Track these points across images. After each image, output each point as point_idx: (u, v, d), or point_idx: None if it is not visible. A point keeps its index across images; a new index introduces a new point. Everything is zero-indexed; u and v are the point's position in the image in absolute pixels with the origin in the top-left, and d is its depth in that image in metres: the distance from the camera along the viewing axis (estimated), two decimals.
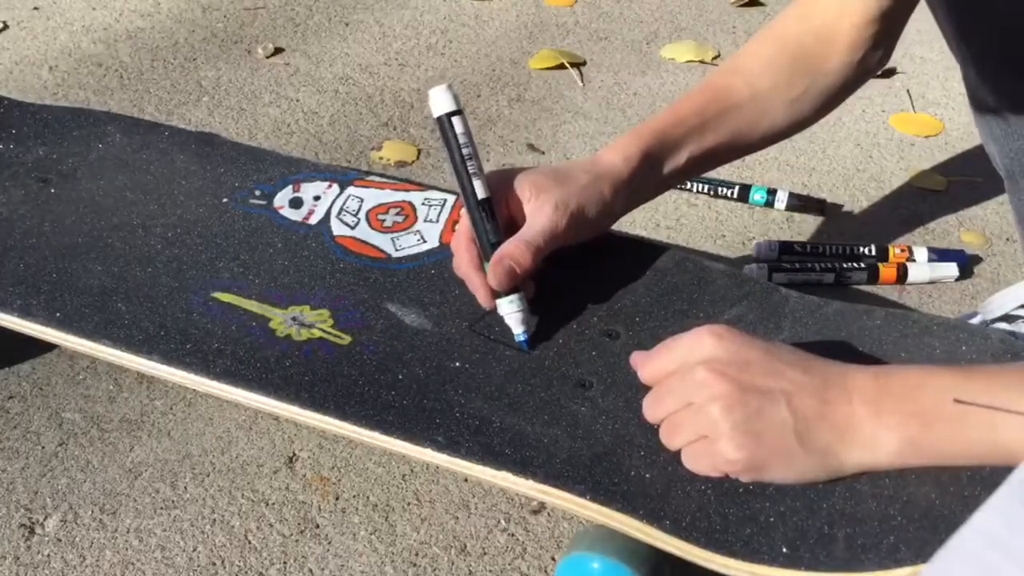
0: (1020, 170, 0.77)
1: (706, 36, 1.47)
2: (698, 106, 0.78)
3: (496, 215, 0.71)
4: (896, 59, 1.40)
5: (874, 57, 0.81)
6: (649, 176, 0.76)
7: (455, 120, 0.71)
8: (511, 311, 0.71)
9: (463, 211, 0.72)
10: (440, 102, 0.71)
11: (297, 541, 0.78)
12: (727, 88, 0.79)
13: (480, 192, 0.71)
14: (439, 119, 0.71)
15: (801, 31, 0.81)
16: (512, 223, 0.72)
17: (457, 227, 0.73)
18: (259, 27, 1.46)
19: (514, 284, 0.71)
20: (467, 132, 0.71)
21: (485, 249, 0.71)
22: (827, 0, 0.80)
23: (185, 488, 0.81)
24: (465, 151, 0.71)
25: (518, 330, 0.71)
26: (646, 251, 0.78)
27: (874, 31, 0.79)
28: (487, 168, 0.75)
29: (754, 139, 0.81)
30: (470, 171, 0.71)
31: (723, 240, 1.09)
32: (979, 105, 0.76)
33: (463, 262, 0.73)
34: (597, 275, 0.77)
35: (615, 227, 0.78)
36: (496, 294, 0.71)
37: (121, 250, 0.80)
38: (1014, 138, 0.75)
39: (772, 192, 1.12)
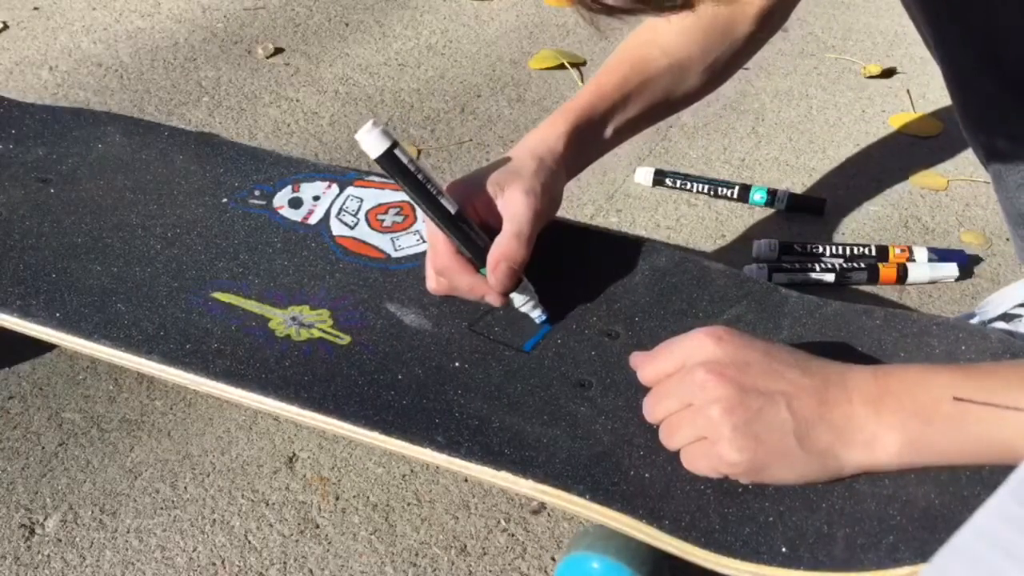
0: (1005, 169, 0.78)
1: None
2: (619, 80, 0.81)
3: (470, 222, 0.71)
4: (896, 59, 1.40)
5: (775, 22, 0.86)
6: (580, 151, 0.79)
7: (396, 153, 0.69)
8: (525, 302, 0.73)
9: (428, 235, 0.72)
10: (372, 143, 0.69)
11: (297, 541, 0.78)
12: (646, 60, 0.82)
13: (450, 208, 0.70)
14: (379, 160, 0.69)
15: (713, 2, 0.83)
16: (485, 225, 0.73)
17: (433, 249, 0.73)
18: (259, 27, 1.46)
19: (516, 281, 0.72)
20: (411, 159, 0.69)
21: (478, 256, 0.72)
22: None
23: (185, 488, 0.81)
24: (420, 177, 0.69)
25: (536, 314, 0.73)
26: (646, 251, 0.78)
27: (776, 1, 0.83)
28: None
29: (672, 104, 0.85)
30: (433, 192, 0.69)
31: (723, 240, 1.09)
32: (961, 107, 0.77)
33: (465, 278, 0.73)
34: (597, 275, 0.77)
35: (616, 227, 0.78)
36: (507, 298, 0.73)
37: (121, 250, 0.80)
38: (997, 137, 0.76)
39: (772, 192, 1.12)
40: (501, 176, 0.73)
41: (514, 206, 0.72)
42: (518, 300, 0.73)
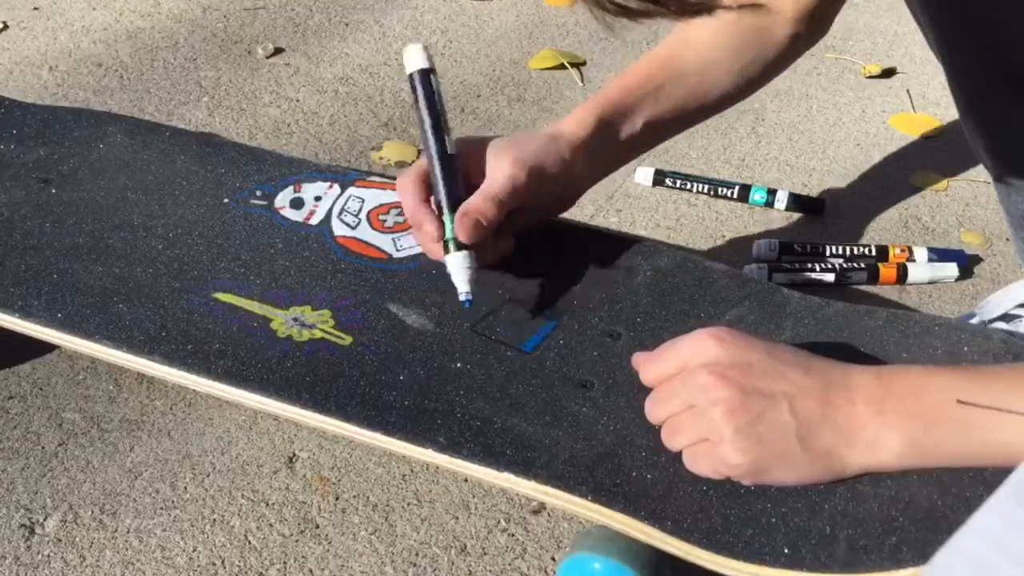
0: (1008, 172, 0.78)
1: None
2: (647, 74, 0.81)
3: (459, 173, 0.73)
4: (896, 59, 1.40)
5: (814, 29, 0.85)
6: (607, 141, 0.78)
7: (432, 77, 0.73)
8: (462, 267, 0.71)
9: (420, 161, 0.74)
10: (415, 59, 0.73)
11: (297, 541, 0.78)
12: (676, 58, 0.82)
13: (450, 148, 0.73)
14: (411, 75, 0.73)
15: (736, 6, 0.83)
16: (471, 186, 0.74)
17: (408, 170, 0.75)
18: (259, 27, 1.46)
19: (482, 237, 0.71)
20: (439, 92, 0.73)
21: (447, 202, 0.72)
22: None
23: (185, 488, 0.81)
24: (438, 107, 0.73)
25: (463, 288, 0.71)
26: (647, 251, 0.78)
27: (816, 4, 0.82)
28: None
29: (705, 106, 0.84)
30: (441, 126, 0.73)
31: (723, 240, 1.09)
32: (964, 109, 0.77)
33: (413, 199, 0.74)
34: (598, 275, 0.77)
35: (616, 227, 0.78)
36: (446, 247, 0.72)
37: (122, 251, 0.80)
38: (1000, 139, 0.76)
39: (772, 192, 1.12)
40: (502, 144, 0.75)
41: (497, 172, 0.73)
42: (457, 262, 0.71)
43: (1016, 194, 0.80)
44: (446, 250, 0.72)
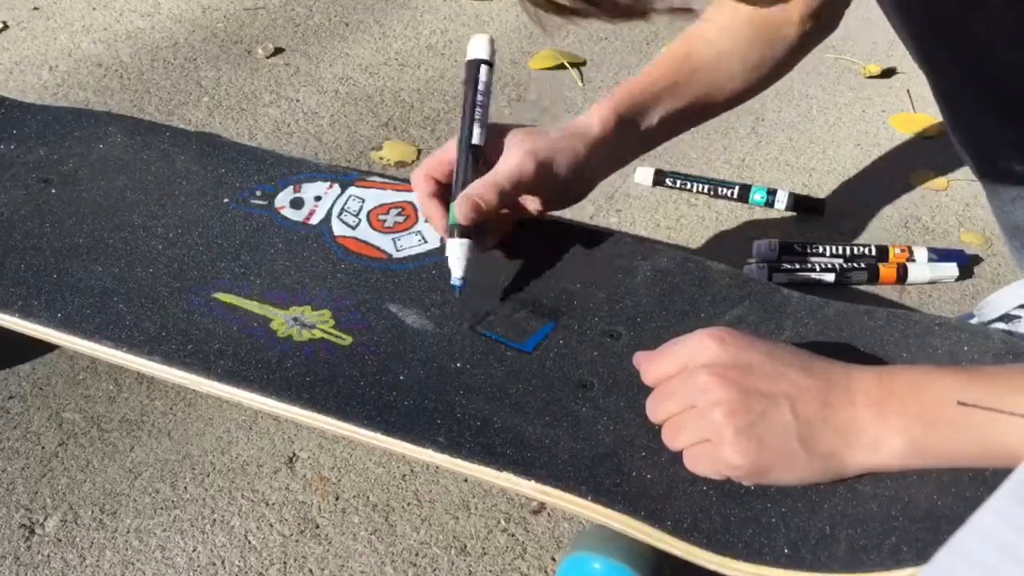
0: (998, 181, 0.78)
1: None
2: (667, 69, 0.82)
3: (479, 164, 0.75)
4: (896, 59, 1.40)
5: (823, 26, 0.86)
6: (625, 137, 0.79)
7: (484, 69, 0.77)
8: (459, 253, 0.73)
9: (435, 153, 0.77)
10: (478, 48, 0.77)
11: (297, 541, 0.78)
12: (692, 53, 0.83)
13: (476, 139, 0.75)
14: (470, 62, 0.77)
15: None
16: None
17: (423, 161, 0.77)
18: (259, 27, 1.46)
19: (479, 219, 0.72)
20: (489, 85, 0.76)
21: (457, 189, 0.74)
22: None
23: (185, 488, 0.81)
24: (480, 99, 0.76)
25: (457, 274, 0.73)
26: (647, 251, 0.78)
27: (825, 1, 0.83)
28: None
29: (719, 101, 0.85)
30: (476, 117, 0.75)
31: (723, 240, 1.09)
32: (950, 122, 0.78)
33: (424, 188, 0.76)
34: (598, 275, 0.77)
35: (616, 227, 0.78)
36: (451, 232, 0.73)
37: (122, 251, 0.80)
38: (987, 151, 0.76)
39: (772, 192, 1.12)
40: (520, 134, 0.76)
41: (506, 160, 0.74)
42: (455, 248, 0.73)
43: (1006, 204, 0.80)
44: (450, 235, 0.74)
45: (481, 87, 0.76)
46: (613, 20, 0.46)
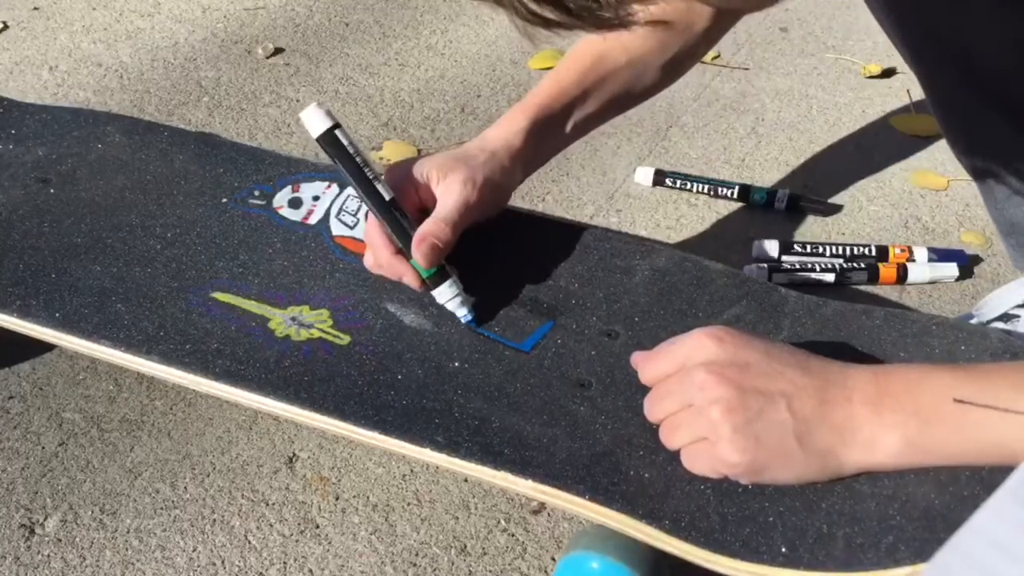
0: (992, 180, 0.78)
1: None
2: (578, 76, 0.81)
3: (404, 211, 0.73)
4: (896, 59, 1.40)
5: (730, 18, 0.87)
6: (539, 146, 0.80)
7: (337, 133, 0.71)
8: (449, 296, 0.73)
9: (369, 216, 0.74)
10: (316, 122, 0.71)
11: (297, 541, 0.78)
12: (604, 56, 0.82)
13: (385, 194, 0.72)
14: (319, 139, 0.72)
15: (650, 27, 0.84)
16: (423, 209, 0.75)
17: (366, 228, 0.75)
18: (259, 27, 1.46)
19: (439, 259, 0.72)
20: (352, 143, 0.72)
21: (405, 243, 0.72)
22: None
23: (185, 488, 0.81)
24: (357, 159, 0.72)
25: (462, 312, 0.73)
26: (646, 251, 0.78)
27: None
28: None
29: (631, 98, 0.85)
30: (369, 177, 0.72)
31: (723, 240, 1.09)
32: (943, 123, 0.78)
33: (384, 254, 0.74)
34: (597, 275, 0.77)
35: (616, 227, 0.78)
36: (428, 285, 0.73)
37: (120, 250, 0.80)
38: (980, 151, 0.76)
39: (772, 192, 1.12)
40: (445, 162, 0.75)
41: (448, 194, 0.73)
42: (444, 294, 0.73)
43: (1000, 202, 0.80)
44: (429, 288, 0.73)
45: (351, 150, 0.72)
46: (598, 31, 0.47)
